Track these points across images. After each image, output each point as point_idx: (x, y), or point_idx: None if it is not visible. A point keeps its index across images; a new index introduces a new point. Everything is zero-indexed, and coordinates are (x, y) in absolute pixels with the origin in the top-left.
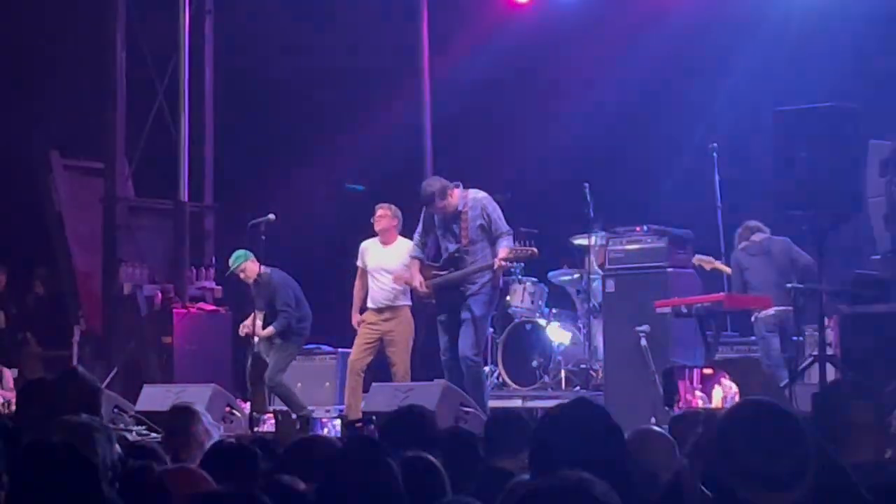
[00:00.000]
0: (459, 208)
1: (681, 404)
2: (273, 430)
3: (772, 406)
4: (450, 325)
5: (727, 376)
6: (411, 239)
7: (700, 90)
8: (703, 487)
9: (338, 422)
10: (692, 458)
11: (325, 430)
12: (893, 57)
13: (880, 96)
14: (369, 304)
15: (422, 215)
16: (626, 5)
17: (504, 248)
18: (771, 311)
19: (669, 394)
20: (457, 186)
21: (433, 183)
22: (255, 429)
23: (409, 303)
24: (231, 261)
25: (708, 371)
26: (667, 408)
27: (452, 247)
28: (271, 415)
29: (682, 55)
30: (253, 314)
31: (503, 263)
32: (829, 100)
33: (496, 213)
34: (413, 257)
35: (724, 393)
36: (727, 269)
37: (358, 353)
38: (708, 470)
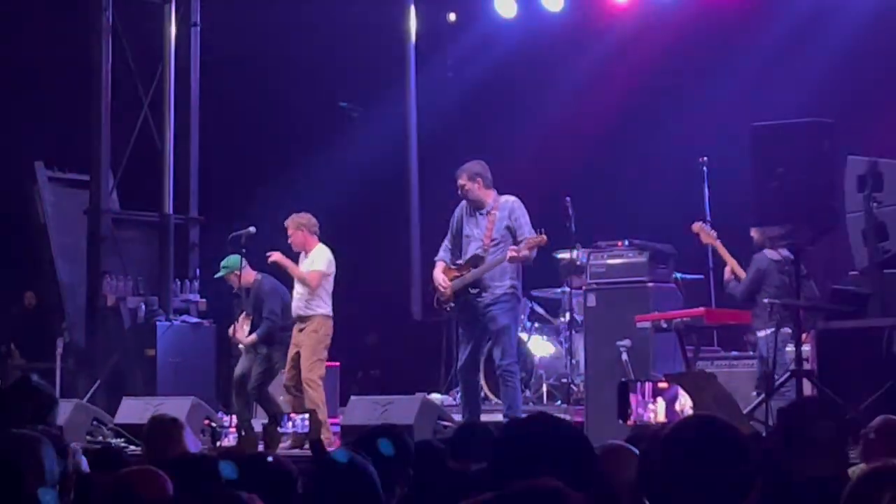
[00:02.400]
0: (489, 207)
1: (633, 418)
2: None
3: (717, 421)
4: (469, 336)
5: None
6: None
7: (686, 104)
8: (646, 502)
9: (306, 415)
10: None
11: (290, 424)
12: (871, 73)
13: (858, 112)
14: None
15: (452, 219)
16: (611, 20)
17: (525, 247)
18: None
19: (623, 408)
20: (493, 188)
21: (473, 165)
22: (218, 443)
23: (325, 311)
24: (224, 265)
25: (662, 384)
26: (620, 421)
27: (475, 246)
28: (234, 429)
29: (667, 69)
30: (240, 318)
31: (514, 253)
32: (807, 115)
33: (524, 217)
34: (437, 260)
35: (672, 407)
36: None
37: (287, 372)
38: (653, 485)
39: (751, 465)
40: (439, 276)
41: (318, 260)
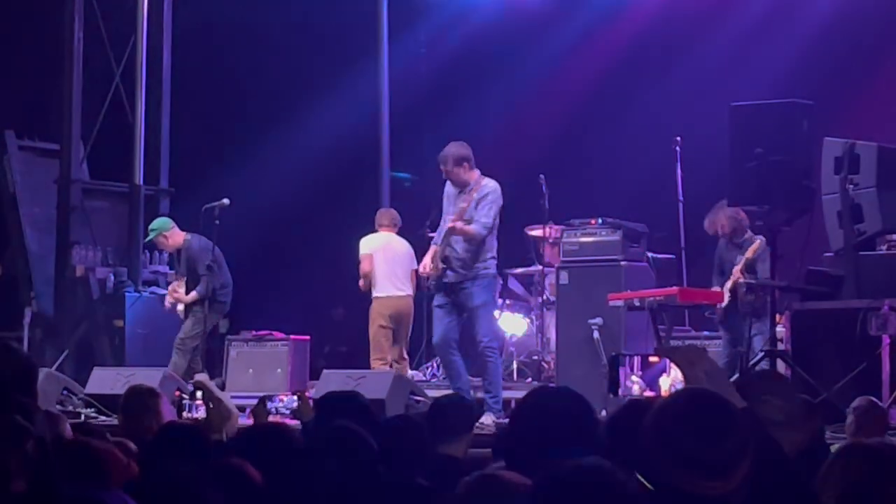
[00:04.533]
0: (469, 187)
1: (621, 391)
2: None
3: (708, 395)
4: (444, 313)
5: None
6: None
7: (662, 83)
8: (640, 477)
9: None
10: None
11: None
12: (849, 54)
13: (836, 93)
14: None
15: (443, 198)
16: None
17: (472, 225)
18: None
19: (613, 381)
20: (475, 168)
21: (458, 149)
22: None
23: (373, 294)
24: (151, 227)
25: (653, 359)
26: (611, 395)
27: (446, 223)
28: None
29: (645, 47)
30: (174, 281)
31: (455, 225)
32: (788, 96)
33: (490, 205)
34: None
35: (671, 381)
36: None
37: None
38: (645, 459)
39: (742, 439)
40: (427, 261)
41: None
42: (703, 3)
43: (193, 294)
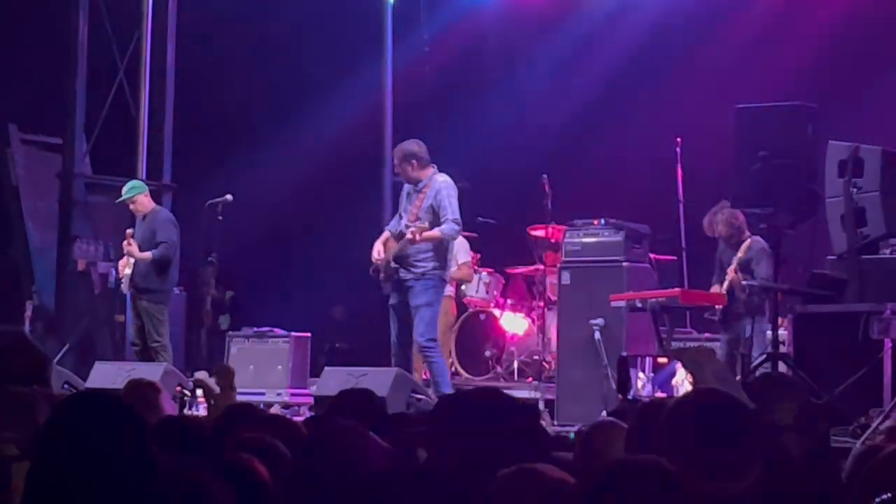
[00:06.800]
0: (421, 185)
1: (632, 393)
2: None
3: (721, 395)
4: (396, 310)
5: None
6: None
7: (664, 84)
8: None
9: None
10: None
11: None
12: (854, 57)
13: (840, 97)
14: None
15: (402, 191)
16: None
17: (436, 230)
18: None
19: (623, 382)
20: (431, 165)
21: (408, 146)
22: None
23: None
24: (126, 189)
25: (662, 360)
26: (620, 395)
27: (403, 223)
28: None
29: (647, 48)
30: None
31: (414, 237)
32: (790, 99)
33: (449, 199)
34: (386, 229)
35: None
36: None
37: None
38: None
39: (754, 439)
40: (376, 245)
41: None
42: (707, 4)
43: (148, 254)
